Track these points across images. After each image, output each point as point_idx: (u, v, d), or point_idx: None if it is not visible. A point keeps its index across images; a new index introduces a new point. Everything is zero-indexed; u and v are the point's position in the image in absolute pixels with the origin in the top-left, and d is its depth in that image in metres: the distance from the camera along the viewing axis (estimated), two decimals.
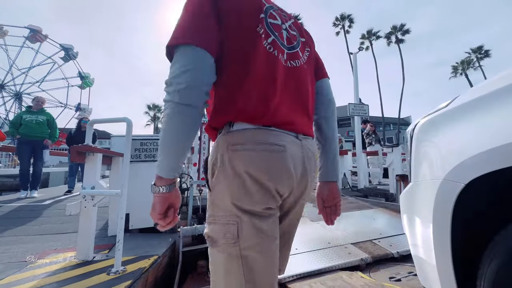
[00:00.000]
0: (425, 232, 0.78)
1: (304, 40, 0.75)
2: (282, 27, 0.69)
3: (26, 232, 2.43)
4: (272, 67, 0.62)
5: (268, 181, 0.57)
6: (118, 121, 1.74)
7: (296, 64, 0.68)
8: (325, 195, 0.78)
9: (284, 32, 0.69)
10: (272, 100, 0.60)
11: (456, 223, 0.67)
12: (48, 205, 3.58)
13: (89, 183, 1.80)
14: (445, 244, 0.69)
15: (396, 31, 26.91)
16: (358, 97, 5.57)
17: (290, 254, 0.81)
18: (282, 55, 0.65)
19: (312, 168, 0.68)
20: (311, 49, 0.76)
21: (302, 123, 0.66)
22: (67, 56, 17.40)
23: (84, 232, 1.77)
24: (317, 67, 0.80)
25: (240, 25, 0.60)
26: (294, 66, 0.67)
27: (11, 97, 17.08)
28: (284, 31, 0.69)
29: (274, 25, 0.66)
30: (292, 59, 0.67)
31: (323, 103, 0.79)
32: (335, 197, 0.77)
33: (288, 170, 0.59)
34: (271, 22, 0.66)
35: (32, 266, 1.69)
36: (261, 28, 0.62)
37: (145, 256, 1.85)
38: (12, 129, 4.09)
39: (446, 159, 0.72)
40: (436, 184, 0.72)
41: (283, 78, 0.63)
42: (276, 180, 0.58)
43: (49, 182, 7.23)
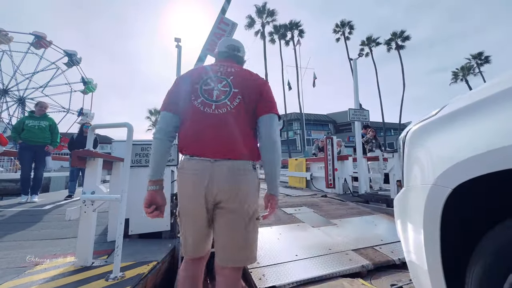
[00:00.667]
0: (417, 237, 0.80)
1: (237, 91, 1.02)
2: (214, 88, 1.03)
3: (25, 237, 2.43)
4: (197, 118, 1.00)
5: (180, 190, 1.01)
6: (119, 126, 1.75)
7: (223, 111, 0.99)
8: (265, 200, 1.09)
9: (215, 91, 1.03)
10: (192, 138, 0.99)
11: (446, 228, 0.69)
12: (48, 210, 3.57)
13: (89, 188, 1.80)
14: (435, 248, 0.71)
15: (396, 38, 27.14)
16: (359, 103, 5.59)
17: (287, 261, 1.24)
18: (209, 108, 1.00)
19: (221, 179, 0.94)
20: (243, 96, 1.02)
21: (216, 151, 0.96)
22: (70, 62, 17.60)
23: (84, 237, 1.77)
24: (257, 107, 1.03)
25: (183, 96, 1.04)
26: (221, 112, 0.99)
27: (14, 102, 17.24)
28: (215, 91, 1.03)
29: (205, 90, 1.04)
30: (220, 108, 0.99)
31: (260, 136, 1.04)
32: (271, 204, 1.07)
33: (190, 185, 0.96)
34: (204, 88, 1.04)
35: (30, 272, 1.68)
36: (194, 95, 1.03)
37: (144, 262, 1.83)
38: (14, 134, 4.11)
39: (435, 165, 0.75)
40: (426, 189, 0.74)
41: (207, 123, 0.98)
42: (181, 189, 1.00)
43: (50, 187, 7.22)
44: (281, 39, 26.19)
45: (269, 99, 1.06)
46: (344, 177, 5.42)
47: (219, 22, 3.63)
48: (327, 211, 3.50)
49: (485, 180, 0.58)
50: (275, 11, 25.00)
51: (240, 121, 0.99)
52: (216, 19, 3.70)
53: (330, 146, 5.47)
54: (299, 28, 26.10)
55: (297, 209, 3.61)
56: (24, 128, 4.08)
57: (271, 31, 25.94)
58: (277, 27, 25.74)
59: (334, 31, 27.96)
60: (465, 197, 0.67)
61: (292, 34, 26.31)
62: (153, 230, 2.42)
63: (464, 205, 0.70)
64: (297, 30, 26.21)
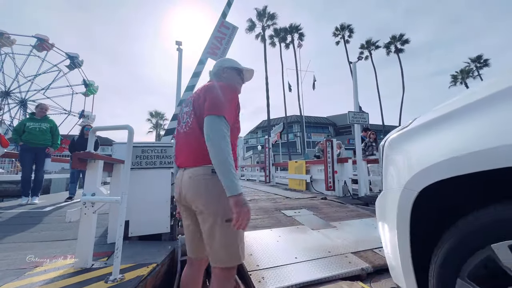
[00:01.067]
0: (392, 236, 0.89)
1: (192, 108, 1.14)
2: (184, 112, 1.23)
3: (25, 239, 2.43)
4: (177, 138, 1.26)
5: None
6: (120, 129, 1.77)
7: (187, 129, 1.17)
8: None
9: (184, 114, 1.21)
10: (176, 153, 1.24)
11: (416, 227, 0.79)
12: (49, 211, 3.58)
13: (89, 190, 1.81)
14: (406, 246, 0.81)
15: (396, 41, 27.29)
16: (358, 105, 5.61)
17: (287, 263, 1.29)
18: (182, 127, 1.20)
19: (185, 185, 1.09)
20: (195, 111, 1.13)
21: (183, 161, 1.15)
22: (72, 64, 17.71)
23: (84, 239, 1.77)
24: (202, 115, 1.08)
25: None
26: (186, 131, 1.17)
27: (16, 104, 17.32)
28: (184, 114, 1.22)
29: (181, 114, 1.26)
30: (186, 127, 1.18)
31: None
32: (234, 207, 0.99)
33: (176, 190, 1.17)
34: (181, 113, 1.26)
35: (30, 273, 1.68)
36: (180, 118, 1.27)
37: (144, 264, 1.84)
38: (15, 135, 4.12)
39: (405, 170, 0.84)
40: (398, 192, 0.84)
41: (181, 140, 1.20)
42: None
43: (51, 189, 7.23)
44: (281, 42, 26.36)
45: (209, 100, 1.05)
46: (344, 180, 5.42)
47: (219, 26, 3.67)
48: (326, 213, 3.50)
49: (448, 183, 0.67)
50: (276, 14, 25.22)
51: (197, 133, 1.10)
52: (216, 23, 3.74)
53: (330, 149, 5.48)
54: (299, 31, 26.28)
55: (297, 211, 3.61)
56: (25, 130, 4.09)
57: (272, 34, 26.13)
58: (277, 30, 25.92)
59: (334, 34, 28.15)
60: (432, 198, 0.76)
61: (292, 37, 26.48)
62: (153, 232, 2.42)
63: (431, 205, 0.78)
64: (297, 34, 26.39)
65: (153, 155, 2.57)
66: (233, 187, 0.93)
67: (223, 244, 1.02)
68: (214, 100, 1.05)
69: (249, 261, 1.93)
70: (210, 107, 1.03)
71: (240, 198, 0.94)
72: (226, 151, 0.96)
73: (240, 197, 0.94)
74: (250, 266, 1.85)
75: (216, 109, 1.02)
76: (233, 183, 0.94)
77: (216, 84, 1.12)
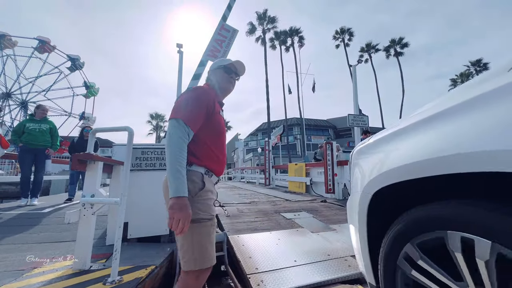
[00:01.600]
0: (355, 231, 1.05)
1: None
2: None
3: (24, 240, 2.42)
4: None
5: None
6: (119, 130, 1.77)
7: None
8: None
9: None
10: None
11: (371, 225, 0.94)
12: (48, 213, 3.57)
13: (89, 191, 1.81)
14: (364, 241, 0.97)
15: (395, 45, 27.44)
16: (358, 108, 5.62)
17: (286, 267, 1.28)
18: None
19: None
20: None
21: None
22: (73, 66, 17.75)
23: (82, 240, 1.77)
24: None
25: None
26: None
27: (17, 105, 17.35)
28: None
29: None
30: None
31: None
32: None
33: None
34: None
35: (28, 275, 1.67)
36: None
37: (143, 266, 1.83)
38: (15, 136, 4.10)
39: (363, 177, 1.00)
40: (359, 195, 0.99)
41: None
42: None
43: (50, 190, 7.21)
44: (282, 45, 26.49)
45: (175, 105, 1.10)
46: (343, 182, 5.41)
47: (220, 29, 3.69)
48: (326, 216, 3.49)
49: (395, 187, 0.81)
50: (276, 18, 25.37)
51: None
52: (217, 26, 3.77)
53: (329, 152, 5.48)
54: (299, 34, 26.43)
55: (297, 214, 3.60)
56: (24, 131, 4.09)
57: (272, 37, 26.26)
58: (277, 33, 26.06)
59: (334, 37, 28.30)
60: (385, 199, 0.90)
61: (292, 40, 26.62)
62: (152, 234, 2.42)
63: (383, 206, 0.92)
64: (297, 37, 26.54)
65: (153, 157, 2.57)
66: (173, 189, 0.92)
67: (179, 247, 1.02)
68: (174, 105, 1.09)
69: (248, 264, 1.92)
70: (171, 113, 1.06)
71: (177, 201, 0.90)
72: (173, 155, 0.95)
73: (177, 201, 0.90)
74: (249, 269, 1.84)
75: (173, 113, 1.04)
76: (174, 185, 0.92)
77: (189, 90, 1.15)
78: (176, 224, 0.89)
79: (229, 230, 2.70)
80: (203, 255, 1.00)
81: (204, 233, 1.02)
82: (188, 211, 0.91)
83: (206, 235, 1.02)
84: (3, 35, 15.22)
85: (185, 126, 1.00)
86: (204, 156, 1.10)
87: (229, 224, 2.95)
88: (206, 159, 1.10)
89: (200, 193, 1.04)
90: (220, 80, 1.27)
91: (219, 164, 1.17)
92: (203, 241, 1.01)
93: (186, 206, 0.91)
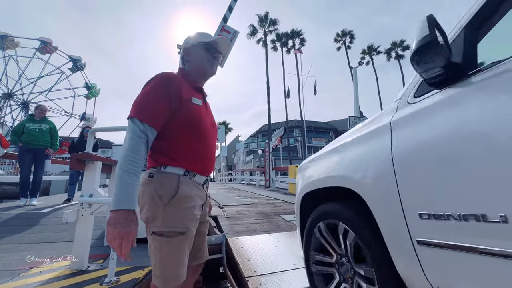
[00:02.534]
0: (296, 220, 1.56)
1: None
2: None
3: (22, 240, 2.42)
4: None
5: None
6: (119, 130, 1.77)
7: None
8: None
9: None
10: None
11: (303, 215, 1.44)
12: (47, 213, 3.56)
13: (87, 191, 1.80)
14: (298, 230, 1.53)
15: (396, 47, 27.51)
16: (359, 110, 5.62)
17: (285, 269, 1.78)
18: None
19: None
20: None
21: None
22: (75, 67, 17.87)
23: (80, 241, 1.76)
24: None
25: None
26: None
27: (18, 105, 17.44)
28: None
29: None
30: None
31: None
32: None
33: None
34: None
35: (25, 274, 1.67)
36: None
37: (140, 266, 1.82)
38: (14, 137, 4.10)
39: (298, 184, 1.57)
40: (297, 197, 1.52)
41: None
42: None
43: (50, 190, 7.22)
44: (283, 47, 26.59)
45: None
46: None
47: (220, 30, 3.70)
48: None
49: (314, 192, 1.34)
50: (277, 20, 25.49)
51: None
52: (218, 27, 3.78)
53: None
54: (300, 36, 26.54)
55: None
56: (24, 131, 4.09)
57: (273, 39, 26.37)
58: (279, 35, 26.17)
59: (335, 40, 28.41)
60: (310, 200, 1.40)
61: (294, 42, 26.72)
62: None
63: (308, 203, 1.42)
64: (298, 39, 26.64)
65: None
66: (113, 201, 0.77)
67: (151, 257, 0.90)
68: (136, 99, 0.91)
69: (247, 266, 1.90)
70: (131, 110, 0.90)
71: (114, 215, 0.75)
72: (121, 159, 0.80)
73: (114, 214, 0.75)
74: (247, 271, 1.82)
75: (132, 112, 0.88)
76: (114, 196, 0.77)
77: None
78: (113, 243, 0.74)
79: (228, 232, 2.68)
80: (169, 274, 0.86)
81: (174, 250, 0.87)
82: (126, 228, 0.74)
83: (175, 252, 0.87)
84: (5, 36, 15.34)
85: (140, 124, 0.84)
86: (180, 154, 0.93)
87: (228, 226, 2.93)
88: (182, 158, 0.93)
89: (174, 200, 0.87)
90: (200, 59, 1.03)
91: (201, 161, 0.98)
92: (171, 258, 0.86)
93: (124, 221, 0.74)
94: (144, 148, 0.84)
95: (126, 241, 0.74)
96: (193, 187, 0.95)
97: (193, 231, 0.93)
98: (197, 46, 1.03)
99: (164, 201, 0.86)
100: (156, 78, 0.93)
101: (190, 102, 0.96)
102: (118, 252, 0.75)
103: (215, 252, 2.25)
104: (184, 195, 0.90)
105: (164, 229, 0.85)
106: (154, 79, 0.93)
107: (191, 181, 0.95)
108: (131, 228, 0.75)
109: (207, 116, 1.05)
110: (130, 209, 0.76)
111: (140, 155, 0.82)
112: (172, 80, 0.93)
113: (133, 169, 0.79)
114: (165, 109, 0.89)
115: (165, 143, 0.92)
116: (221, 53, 1.09)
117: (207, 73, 1.07)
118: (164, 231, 0.85)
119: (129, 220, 0.75)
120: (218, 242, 2.37)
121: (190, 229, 0.90)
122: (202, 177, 1.00)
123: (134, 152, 0.80)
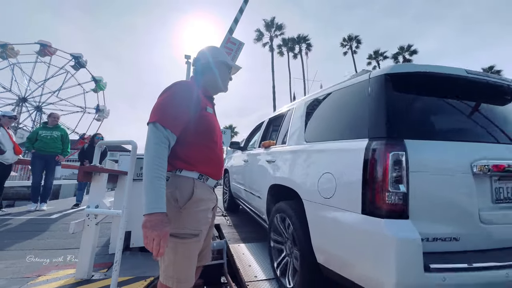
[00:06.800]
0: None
1: None
2: None
3: (31, 246, 2.50)
4: None
5: None
6: (124, 144, 1.84)
7: None
8: None
9: None
10: None
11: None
12: (55, 219, 3.68)
13: (93, 202, 1.87)
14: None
15: (404, 52, 27.18)
16: None
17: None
18: None
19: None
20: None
21: None
22: (77, 64, 17.85)
23: (85, 250, 1.82)
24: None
25: None
26: None
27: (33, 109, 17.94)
28: None
29: None
30: None
31: None
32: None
33: None
34: None
35: (33, 282, 1.73)
36: None
37: (142, 277, 1.86)
38: (28, 143, 4.30)
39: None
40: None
41: None
42: None
43: (60, 194, 7.44)
44: (289, 52, 26.68)
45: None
46: None
47: (226, 42, 3.78)
48: None
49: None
50: (283, 25, 25.66)
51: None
52: (223, 38, 3.86)
53: None
54: (307, 41, 26.60)
55: None
56: (37, 138, 4.28)
57: (280, 43, 26.51)
58: (285, 40, 26.30)
59: (341, 45, 28.30)
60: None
61: (300, 47, 26.79)
62: None
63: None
64: (305, 44, 26.71)
65: None
66: (144, 205, 0.80)
67: (162, 258, 0.92)
68: (153, 107, 0.94)
69: (248, 272, 1.92)
70: (150, 115, 0.93)
71: (149, 218, 0.79)
72: (147, 163, 0.83)
73: (149, 218, 0.79)
74: (248, 277, 1.84)
75: (150, 116, 0.91)
76: (145, 200, 0.80)
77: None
78: (151, 244, 0.78)
79: (230, 239, 2.70)
80: (183, 276, 0.91)
81: (187, 252, 0.92)
82: (163, 229, 0.79)
83: (188, 254, 0.92)
84: (5, 44, 15.68)
85: (163, 130, 0.87)
86: (195, 159, 0.98)
87: (230, 233, 2.95)
88: (198, 163, 0.98)
89: (189, 203, 0.92)
90: (217, 76, 1.13)
91: (214, 166, 1.04)
92: (186, 260, 0.92)
93: (160, 223, 0.79)
94: (167, 153, 0.88)
95: (163, 242, 0.79)
96: (206, 191, 1.01)
97: (204, 234, 0.99)
98: (216, 63, 1.12)
99: (179, 204, 0.91)
100: (176, 85, 0.98)
101: (205, 110, 1.03)
102: (155, 253, 0.79)
103: (216, 258, 2.29)
104: (199, 198, 0.95)
105: (180, 231, 0.89)
106: (173, 86, 0.97)
107: (204, 185, 1.01)
108: (167, 230, 0.80)
109: (216, 124, 1.13)
110: (163, 212, 0.81)
111: (165, 160, 0.86)
112: (192, 89, 0.99)
113: (161, 174, 0.83)
114: (185, 116, 0.94)
115: (181, 148, 0.97)
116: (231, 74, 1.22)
117: (221, 89, 1.17)
118: (179, 233, 0.89)
119: (164, 222, 0.80)
120: (219, 247, 2.39)
121: (202, 231, 0.96)
122: (214, 180, 1.06)
123: (160, 157, 0.85)
